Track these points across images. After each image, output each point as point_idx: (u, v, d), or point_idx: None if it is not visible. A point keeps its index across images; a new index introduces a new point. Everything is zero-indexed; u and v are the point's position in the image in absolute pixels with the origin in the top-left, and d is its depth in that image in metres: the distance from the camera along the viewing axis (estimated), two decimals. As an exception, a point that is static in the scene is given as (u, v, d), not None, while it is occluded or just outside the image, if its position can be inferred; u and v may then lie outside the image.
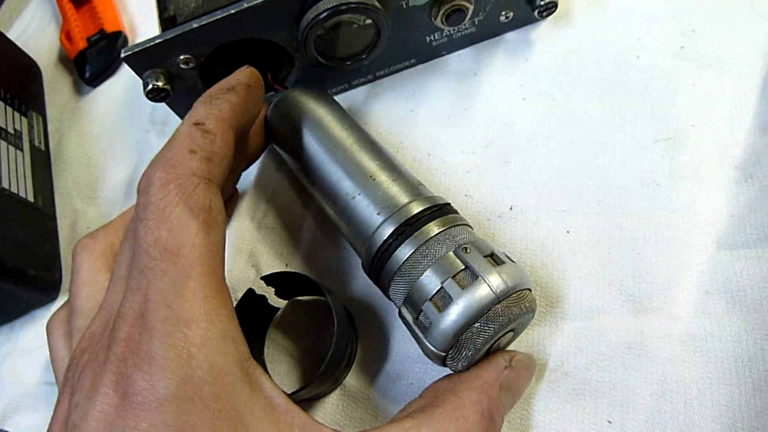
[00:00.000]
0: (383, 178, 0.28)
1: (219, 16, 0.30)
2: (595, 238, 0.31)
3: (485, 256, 0.25)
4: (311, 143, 0.31)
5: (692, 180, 0.31)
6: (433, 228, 0.26)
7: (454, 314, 0.24)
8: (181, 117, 0.36)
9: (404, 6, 0.32)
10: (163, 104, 0.35)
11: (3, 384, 0.35)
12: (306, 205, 0.35)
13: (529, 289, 0.26)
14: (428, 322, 0.25)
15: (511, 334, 0.26)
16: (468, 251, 0.25)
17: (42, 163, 0.40)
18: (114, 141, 0.41)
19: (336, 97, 0.38)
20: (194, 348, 0.20)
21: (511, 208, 0.32)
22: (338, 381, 0.31)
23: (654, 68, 0.34)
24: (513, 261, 0.26)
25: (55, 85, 0.44)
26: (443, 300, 0.24)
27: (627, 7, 0.36)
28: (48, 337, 0.29)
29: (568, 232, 0.31)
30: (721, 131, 0.32)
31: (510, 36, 0.37)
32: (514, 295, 0.24)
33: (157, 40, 0.30)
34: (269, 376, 0.22)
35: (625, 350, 0.28)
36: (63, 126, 0.42)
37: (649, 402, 0.27)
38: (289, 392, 0.31)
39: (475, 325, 0.24)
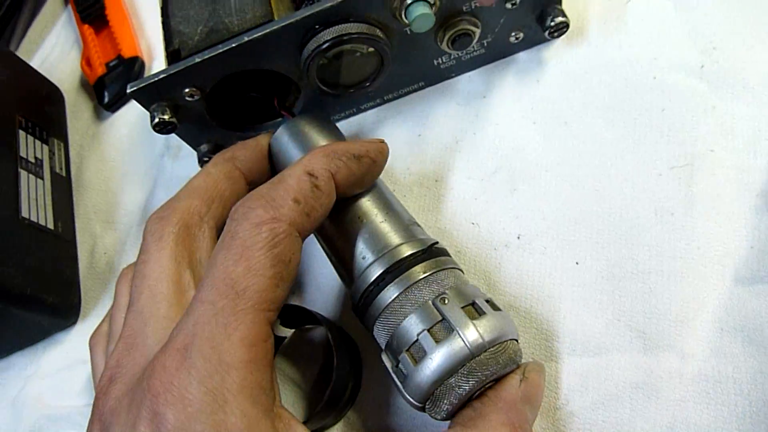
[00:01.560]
0: (372, 218, 0.28)
1: (221, 50, 0.30)
2: (605, 270, 0.30)
3: (464, 306, 0.24)
4: None
5: (710, 209, 0.30)
6: (418, 272, 0.25)
7: (427, 369, 0.23)
8: (191, 146, 0.37)
9: (408, 32, 0.32)
10: None
11: (26, 408, 0.36)
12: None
13: (515, 339, 0.25)
14: (405, 373, 0.24)
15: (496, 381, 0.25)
16: (446, 302, 0.24)
17: (63, 189, 0.41)
18: (130, 166, 0.42)
19: (344, 122, 0.38)
20: (230, 395, 0.21)
21: (518, 237, 0.32)
22: (341, 414, 0.31)
23: (671, 89, 0.32)
24: (498, 309, 0.25)
25: (77, 110, 0.45)
26: (419, 352, 0.24)
27: (644, 25, 0.34)
28: (90, 353, 0.30)
29: (576, 263, 0.30)
30: (742, 156, 0.30)
31: (521, 56, 0.36)
32: (492, 348, 0.24)
33: (161, 75, 0.31)
34: (298, 420, 0.23)
35: (633, 390, 0.27)
36: (83, 151, 0.43)
37: (658, 446, 0.26)
38: None
39: (450, 380, 0.23)
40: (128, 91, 0.31)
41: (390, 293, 0.25)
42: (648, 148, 0.32)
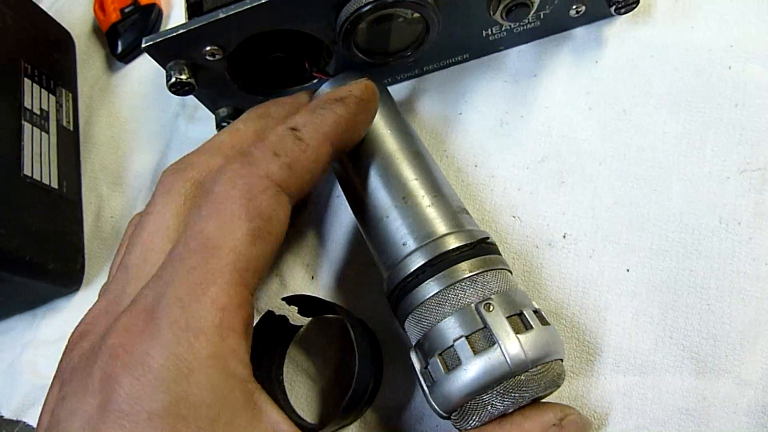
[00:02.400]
0: (419, 200, 0.25)
1: (249, 6, 0.27)
2: (658, 281, 0.27)
3: (510, 316, 0.22)
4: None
5: (782, 221, 0.27)
6: (463, 270, 0.23)
7: (459, 380, 0.21)
8: (210, 110, 0.34)
9: (458, -2, 0.28)
10: None
11: (22, 376, 0.34)
12: (338, 213, 0.33)
13: (560, 360, 0.22)
14: (434, 378, 0.22)
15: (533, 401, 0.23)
16: (491, 308, 0.22)
17: (69, 145, 0.38)
18: (142, 124, 0.39)
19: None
20: (197, 362, 0.19)
21: (564, 236, 0.29)
22: (360, 414, 0.29)
23: (748, 82, 0.29)
24: (546, 323, 0.22)
25: (88, 58, 0.42)
26: (452, 360, 0.22)
27: (721, 7, 0.30)
28: None
29: (627, 270, 0.28)
30: (823, 164, 0.27)
31: (579, 32, 0.32)
32: (534, 369, 0.21)
33: (181, 30, 0.28)
34: (275, 402, 0.20)
35: (682, 416, 0.25)
36: (93, 104, 0.40)
37: (705, 480, 0.24)
38: (309, 419, 0.29)
39: (483, 396, 0.21)
40: (143, 45, 0.28)
41: (429, 288, 0.23)
42: (716, 148, 0.28)
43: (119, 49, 0.40)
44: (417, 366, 0.23)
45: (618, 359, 0.26)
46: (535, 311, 0.23)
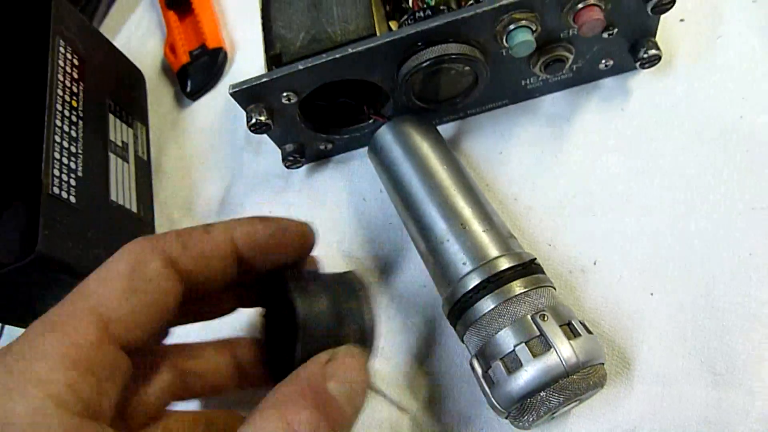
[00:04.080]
0: (475, 227, 0.29)
1: (323, 60, 0.31)
2: (679, 304, 0.31)
3: (562, 326, 0.26)
4: (412, 178, 0.32)
5: (788, 253, 0.30)
6: (517, 287, 0.27)
7: (521, 380, 0.25)
8: (277, 145, 0.38)
9: (503, 53, 0.33)
10: None
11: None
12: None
13: (602, 363, 0.26)
14: (495, 380, 0.26)
15: (577, 402, 0.27)
16: (545, 318, 0.26)
17: (144, 174, 0.42)
18: (210, 156, 0.43)
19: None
20: (20, 384, 0.18)
21: (594, 263, 0.33)
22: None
23: (757, 131, 0.33)
24: (590, 333, 0.26)
25: (158, 95, 0.46)
26: (513, 363, 0.25)
27: (734, 62, 0.35)
28: None
29: (651, 294, 0.31)
30: (824, 203, 0.31)
31: (607, 82, 0.37)
32: (584, 369, 0.25)
33: (264, 79, 0.32)
34: None
35: (701, 422, 0.28)
36: (163, 137, 0.45)
37: (721, 479, 0.27)
38: None
39: (541, 394, 0.25)
40: (230, 92, 0.32)
41: (488, 303, 0.27)
42: (729, 187, 0.32)
43: (189, 87, 0.44)
44: (478, 371, 0.27)
45: (644, 373, 0.30)
46: (581, 322, 0.27)
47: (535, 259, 0.29)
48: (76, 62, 0.38)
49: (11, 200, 0.38)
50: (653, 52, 0.33)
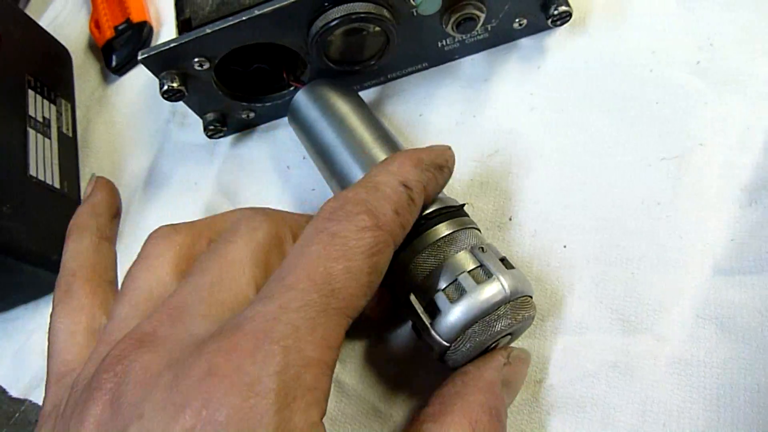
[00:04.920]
0: None
1: (231, 22, 0.31)
2: (591, 255, 0.31)
3: (500, 259, 0.26)
4: (330, 136, 0.32)
5: (695, 201, 0.31)
6: (445, 228, 0.27)
7: (465, 306, 0.25)
8: (198, 115, 0.37)
9: (414, 14, 0.33)
10: None
11: (29, 358, 0.38)
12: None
13: (531, 296, 0.27)
14: (440, 310, 0.26)
15: (509, 337, 0.27)
16: (484, 251, 0.26)
17: (69, 150, 0.42)
18: (136, 130, 0.42)
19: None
20: (300, 393, 0.19)
21: (510, 219, 0.33)
22: None
23: (667, 83, 0.33)
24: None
25: (84, 72, 0.45)
26: (457, 292, 0.25)
27: (644, 18, 0.35)
28: (77, 298, 0.26)
29: (564, 246, 0.32)
30: (731, 152, 0.31)
31: (524, 42, 0.37)
32: (521, 298, 0.26)
33: (172, 44, 0.31)
34: None
35: (610, 368, 0.29)
36: (90, 113, 0.44)
37: (629, 421, 0.28)
38: None
39: (485, 319, 0.25)
40: (139, 58, 0.32)
41: (420, 244, 0.27)
42: (640, 140, 0.33)
43: (114, 62, 0.44)
44: (418, 307, 0.26)
45: (557, 323, 0.30)
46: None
47: (464, 206, 0.29)
48: (-10, 37, 0.37)
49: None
50: (563, 8, 0.34)
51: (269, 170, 0.38)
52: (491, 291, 0.25)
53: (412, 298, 0.27)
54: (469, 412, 0.24)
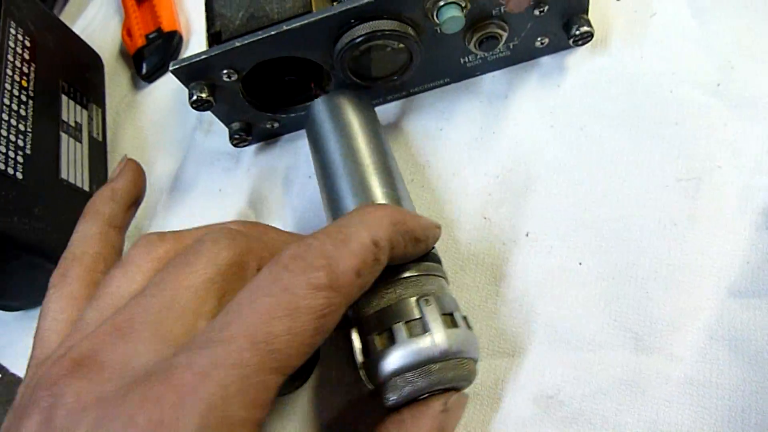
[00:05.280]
0: None
1: (260, 37, 0.32)
2: (605, 273, 0.31)
3: (443, 314, 0.26)
4: (334, 153, 0.32)
5: (712, 223, 0.31)
6: (407, 271, 0.27)
7: (391, 356, 0.25)
8: (224, 123, 0.39)
9: (437, 32, 0.33)
10: None
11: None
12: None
13: (474, 360, 0.26)
14: (370, 354, 0.26)
15: (445, 390, 0.26)
16: (428, 303, 0.26)
17: (99, 154, 0.43)
18: (163, 136, 0.44)
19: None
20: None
21: (527, 235, 0.33)
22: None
23: (687, 104, 0.34)
24: (470, 328, 0.27)
25: (115, 78, 0.47)
26: (389, 340, 0.25)
27: (665, 40, 0.35)
28: (54, 290, 0.26)
29: (580, 263, 0.32)
30: (748, 174, 0.32)
31: (545, 60, 0.37)
32: (454, 360, 0.25)
33: (203, 56, 0.33)
34: None
35: (622, 386, 0.29)
36: (119, 118, 0.45)
37: (639, 440, 0.28)
38: None
39: (407, 375, 0.25)
40: (170, 69, 0.33)
41: (403, 270, 0.27)
42: (658, 159, 0.33)
43: (144, 70, 0.45)
44: (355, 343, 0.26)
45: (569, 339, 0.31)
46: (464, 317, 0.27)
47: (434, 250, 0.29)
48: (27, 43, 0.39)
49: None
50: (585, 29, 0.34)
51: (292, 179, 0.39)
52: (420, 347, 0.24)
53: (353, 332, 0.27)
54: None
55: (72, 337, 0.23)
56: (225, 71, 0.33)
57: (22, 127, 0.36)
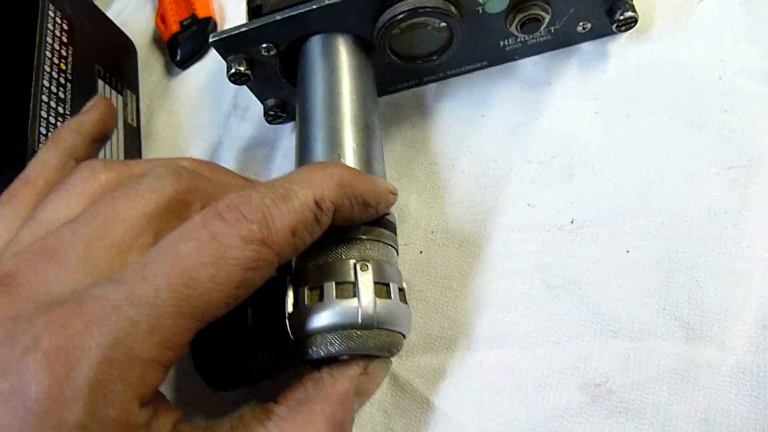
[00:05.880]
0: (350, 162, 0.29)
1: (301, 11, 0.32)
2: (654, 261, 0.31)
3: (378, 283, 0.25)
4: (315, 92, 0.31)
5: (762, 211, 0.30)
6: (358, 233, 0.27)
7: (315, 313, 0.24)
8: (259, 98, 0.39)
9: (480, 11, 0.33)
10: (247, 92, 0.37)
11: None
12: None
13: (403, 335, 0.26)
14: (297, 305, 0.25)
15: (367, 356, 0.26)
16: (365, 269, 0.25)
17: (133, 140, 0.43)
18: (197, 122, 0.43)
19: (406, 92, 0.39)
20: (117, 386, 0.19)
21: (572, 222, 0.33)
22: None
23: (735, 92, 0.33)
24: (405, 303, 0.26)
25: (148, 64, 0.47)
26: (318, 297, 0.25)
27: (712, 26, 0.35)
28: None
29: (627, 251, 0.31)
30: (800, 163, 0.31)
31: (586, 47, 0.37)
32: (378, 330, 0.25)
33: (243, 29, 0.32)
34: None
35: (672, 375, 0.29)
36: (153, 104, 0.45)
37: (691, 430, 0.27)
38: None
39: (328, 335, 0.24)
40: (210, 40, 0.33)
41: (326, 235, 0.25)
42: (707, 147, 0.32)
43: (179, 56, 0.45)
44: (288, 290, 0.26)
45: (617, 327, 0.30)
46: (401, 289, 0.26)
47: (389, 214, 0.28)
48: (65, 27, 0.39)
49: (4, 166, 0.39)
50: (629, 14, 0.33)
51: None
52: (344, 309, 0.24)
53: (288, 281, 0.26)
54: (313, 423, 0.23)
55: (2, 255, 0.23)
56: (264, 45, 0.33)
57: (61, 110, 0.36)
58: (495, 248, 0.33)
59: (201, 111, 0.44)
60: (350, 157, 0.29)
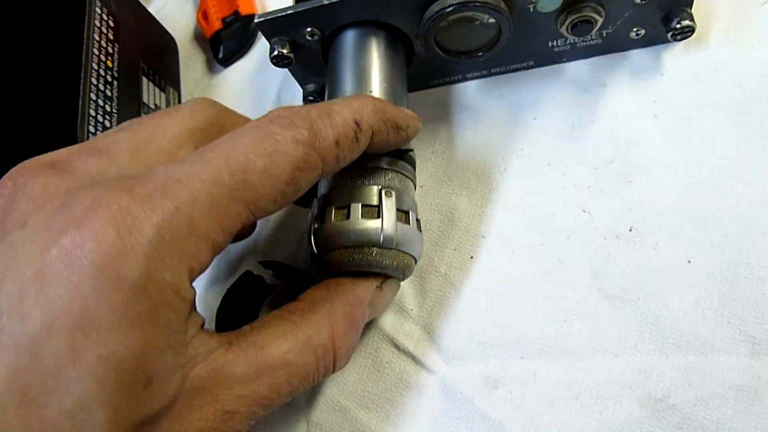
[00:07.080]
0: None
1: (348, -3, 0.31)
2: (717, 272, 0.30)
3: (399, 210, 0.28)
4: (344, 75, 0.32)
5: (834, 222, 0.29)
6: (386, 163, 0.29)
7: (341, 229, 0.27)
8: (299, 83, 0.38)
9: (531, 10, 0.32)
10: (290, 90, 0.38)
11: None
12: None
13: (414, 258, 0.29)
14: (323, 222, 0.28)
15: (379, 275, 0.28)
16: (389, 195, 0.28)
17: (176, 137, 0.42)
18: (240, 120, 0.43)
19: (448, 87, 0.39)
20: (176, 258, 0.19)
21: (630, 230, 0.32)
22: None
23: (803, 96, 0.32)
24: (420, 231, 0.29)
25: (190, 62, 0.46)
26: (344, 216, 0.27)
27: (775, 31, 0.33)
28: None
29: (689, 261, 0.30)
30: None
31: (636, 53, 0.36)
32: (395, 251, 0.27)
33: (289, 11, 0.32)
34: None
35: (737, 392, 0.28)
36: (195, 102, 0.45)
37: (758, 449, 0.26)
38: None
39: (351, 249, 0.27)
40: (256, 20, 0.32)
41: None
42: (772, 154, 0.31)
43: (221, 53, 0.44)
44: (315, 210, 0.29)
45: (678, 340, 0.29)
46: (418, 220, 0.29)
47: (412, 150, 0.31)
48: (111, 24, 0.38)
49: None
50: (687, 23, 0.32)
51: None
52: (367, 229, 0.27)
53: (315, 201, 0.29)
54: (333, 317, 0.26)
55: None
56: (309, 29, 0.33)
57: (108, 108, 0.36)
58: (548, 255, 0.32)
59: (243, 109, 0.42)
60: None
